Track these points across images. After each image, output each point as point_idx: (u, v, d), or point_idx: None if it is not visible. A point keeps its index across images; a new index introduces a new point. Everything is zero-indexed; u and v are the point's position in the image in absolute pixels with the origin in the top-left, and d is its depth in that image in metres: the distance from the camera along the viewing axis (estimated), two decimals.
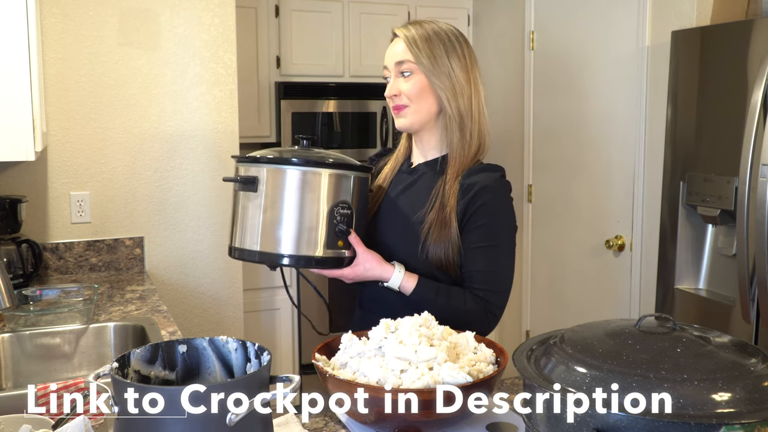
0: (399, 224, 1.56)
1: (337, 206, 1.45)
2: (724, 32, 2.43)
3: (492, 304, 1.50)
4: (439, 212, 1.50)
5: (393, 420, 1.11)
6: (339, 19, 3.85)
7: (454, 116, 1.55)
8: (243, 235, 1.46)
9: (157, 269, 2.75)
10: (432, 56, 1.52)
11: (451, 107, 1.54)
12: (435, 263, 1.51)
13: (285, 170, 1.43)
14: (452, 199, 1.51)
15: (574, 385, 0.92)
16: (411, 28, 1.56)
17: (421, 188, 1.58)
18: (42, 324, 1.94)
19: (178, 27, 2.70)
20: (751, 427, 0.82)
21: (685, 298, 2.59)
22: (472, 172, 1.54)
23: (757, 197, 2.16)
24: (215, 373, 1.14)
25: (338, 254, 1.47)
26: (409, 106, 1.55)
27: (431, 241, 1.50)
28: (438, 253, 1.49)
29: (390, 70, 1.57)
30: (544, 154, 3.59)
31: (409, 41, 1.54)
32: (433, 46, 1.53)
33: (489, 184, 1.52)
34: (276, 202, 1.43)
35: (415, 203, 1.56)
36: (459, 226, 1.50)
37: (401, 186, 1.62)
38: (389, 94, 1.56)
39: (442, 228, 1.49)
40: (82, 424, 1.03)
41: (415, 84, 1.53)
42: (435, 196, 1.53)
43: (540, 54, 3.58)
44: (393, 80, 1.56)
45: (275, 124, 3.79)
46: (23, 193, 2.52)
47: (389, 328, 1.26)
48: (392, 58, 1.56)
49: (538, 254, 3.69)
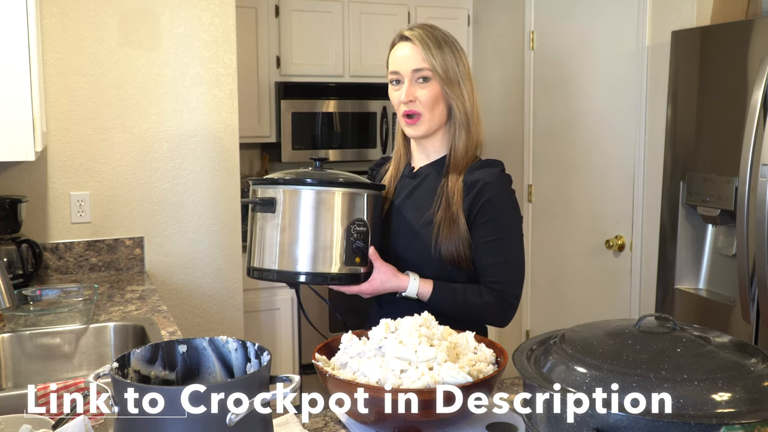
0: (409, 228, 1.59)
1: (354, 224, 1.49)
2: (724, 32, 2.43)
3: (508, 295, 1.55)
4: (447, 210, 1.54)
5: (393, 420, 1.11)
6: (339, 19, 3.84)
7: (463, 122, 1.58)
8: (262, 255, 1.51)
9: (157, 269, 2.75)
10: (445, 65, 1.55)
11: (460, 113, 1.57)
12: (448, 260, 1.54)
13: (301, 191, 1.48)
14: (457, 195, 1.54)
15: (574, 385, 0.92)
16: (423, 34, 1.56)
17: (426, 190, 1.61)
18: (42, 324, 1.94)
19: (178, 27, 2.70)
20: (751, 427, 0.82)
21: (685, 298, 2.59)
22: (474, 168, 1.57)
23: (757, 197, 2.16)
24: (215, 373, 1.14)
25: (354, 270, 1.51)
26: (423, 114, 1.56)
27: (442, 239, 1.53)
28: (450, 250, 1.53)
29: (403, 75, 1.57)
30: (544, 154, 3.59)
31: (426, 48, 1.54)
32: (445, 54, 1.56)
33: (491, 180, 1.55)
34: (293, 222, 1.48)
35: (422, 205, 1.59)
36: (467, 222, 1.53)
37: (405, 191, 1.65)
38: (405, 99, 1.55)
39: (452, 225, 1.52)
40: (82, 424, 1.03)
41: (431, 91, 1.55)
42: (440, 195, 1.56)
43: (540, 54, 3.58)
44: (408, 85, 1.55)
45: (275, 124, 3.79)
46: (23, 193, 2.52)
47: (389, 328, 1.26)
48: (408, 64, 1.55)
49: (538, 254, 3.68)
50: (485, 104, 4.09)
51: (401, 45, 1.58)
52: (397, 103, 1.59)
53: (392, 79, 1.60)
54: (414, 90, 1.55)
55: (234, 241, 2.87)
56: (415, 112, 1.56)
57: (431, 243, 1.54)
